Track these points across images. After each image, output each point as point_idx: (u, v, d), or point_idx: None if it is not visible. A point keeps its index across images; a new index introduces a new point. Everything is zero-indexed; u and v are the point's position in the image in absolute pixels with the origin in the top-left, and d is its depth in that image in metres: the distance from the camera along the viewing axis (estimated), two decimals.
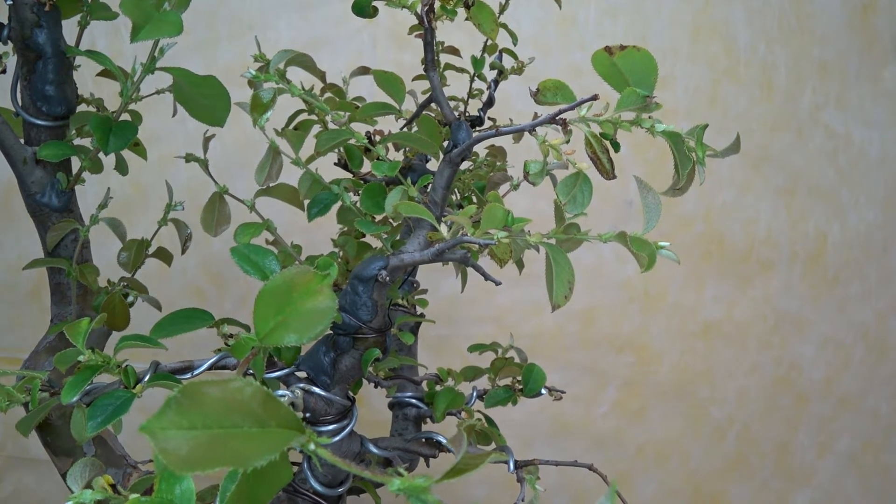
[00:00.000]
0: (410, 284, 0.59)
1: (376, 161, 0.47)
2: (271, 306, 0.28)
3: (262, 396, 0.23)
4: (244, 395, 0.22)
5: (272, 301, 0.28)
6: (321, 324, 0.28)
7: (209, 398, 0.22)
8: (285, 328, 0.28)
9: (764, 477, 1.09)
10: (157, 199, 0.85)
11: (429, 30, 0.46)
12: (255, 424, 0.22)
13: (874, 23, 1.05)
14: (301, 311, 0.28)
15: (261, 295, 0.28)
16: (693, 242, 1.04)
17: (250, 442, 0.22)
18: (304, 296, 0.29)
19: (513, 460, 0.49)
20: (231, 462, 0.21)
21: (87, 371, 0.39)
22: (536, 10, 0.97)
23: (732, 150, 0.41)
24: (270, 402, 0.23)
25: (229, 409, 0.22)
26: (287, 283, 0.28)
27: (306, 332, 0.28)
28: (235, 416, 0.22)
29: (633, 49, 0.37)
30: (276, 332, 0.28)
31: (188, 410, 0.21)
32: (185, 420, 0.21)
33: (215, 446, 0.21)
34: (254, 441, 0.22)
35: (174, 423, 0.21)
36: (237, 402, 0.22)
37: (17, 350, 0.75)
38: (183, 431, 0.21)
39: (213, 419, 0.22)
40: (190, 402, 0.22)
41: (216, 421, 0.22)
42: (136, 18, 0.39)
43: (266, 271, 0.39)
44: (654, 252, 0.40)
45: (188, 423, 0.21)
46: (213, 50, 0.93)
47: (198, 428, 0.21)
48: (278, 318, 0.28)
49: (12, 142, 0.49)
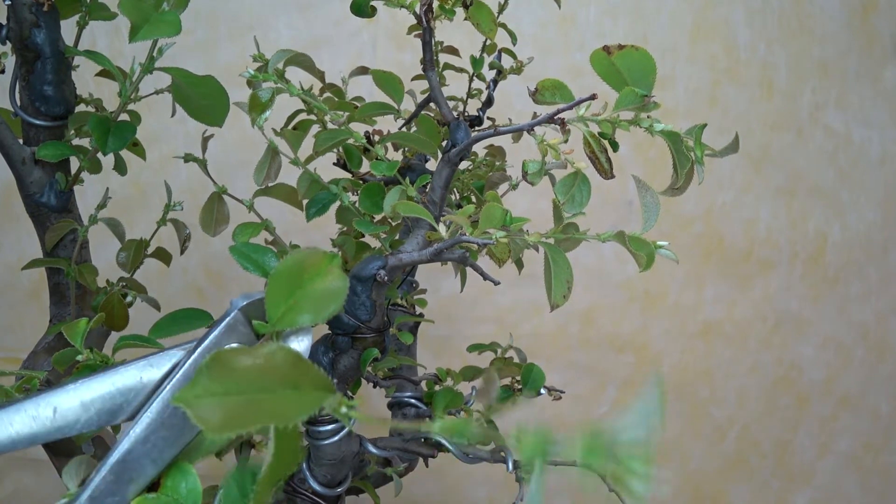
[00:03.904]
0: (409, 284, 0.59)
1: (375, 161, 0.47)
2: (283, 289, 0.28)
3: (294, 359, 0.23)
4: (277, 360, 0.23)
5: (283, 284, 0.28)
6: (334, 303, 0.28)
7: (241, 365, 0.22)
8: (298, 310, 0.28)
9: (764, 477, 1.09)
10: (156, 199, 0.85)
11: (427, 29, 0.46)
12: (289, 387, 0.23)
13: (874, 23, 1.05)
14: (313, 292, 0.28)
15: (272, 279, 0.28)
16: (693, 242, 1.04)
17: (286, 402, 0.22)
18: (314, 277, 0.29)
19: (512, 460, 0.49)
20: (269, 420, 0.21)
21: (85, 371, 0.39)
22: (536, 10, 0.97)
23: (731, 150, 0.41)
24: (302, 364, 0.23)
25: (262, 374, 0.22)
26: (297, 266, 0.29)
27: (319, 313, 0.28)
28: (269, 380, 0.22)
29: (632, 49, 0.37)
30: (289, 314, 0.28)
31: (221, 377, 0.22)
32: (219, 387, 0.22)
33: (252, 408, 0.22)
34: (289, 402, 0.22)
35: (208, 390, 0.21)
36: (270, 366, 0.23)
37: (16, 350, 0.75)
38: (218, 398, 0.21)
39: (246, 384, 0.22)
40: (222, 369, 0.22)
41: (250, 385, 0.22)
42: (135, 18, 0.39)
43: (266, 268, 0.39)
44: (652, 252, 0.40)
45: (222, 390, 0.22)
46: (213, 50, 0.93)
47: (232, 393, 0.22)
48: (290, 301, 0.28)
49: (11, 142, 0.49)
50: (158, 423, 0.32)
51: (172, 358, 0.34)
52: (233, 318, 0.33)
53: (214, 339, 0.33)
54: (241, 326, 0.34)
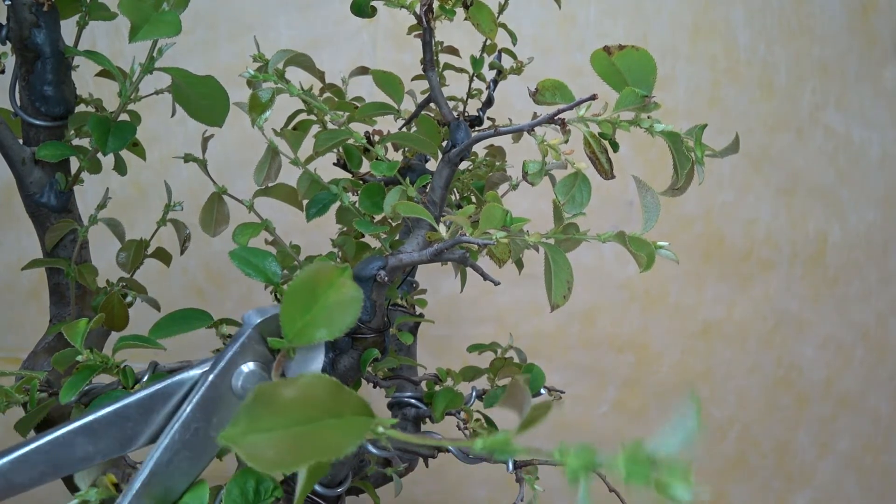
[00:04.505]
0: (409, 284, 0.59)
1: (375, 161, 0.47)
2: (298, 306, 0.28)
3: (333, 389, 0.23)
4: (316, 390, 0.23)
5: (298, 301, 0.28)
6: (350, 315, 0.28)
7: (283, 398, 0.22)
8: (314, 325, 0.28)
9: (764, 477, 1.09)
10: (156, 199, 0.85)
11: (427, 29, 0.46)
12: (332, 416, 0.23)
13: (874, 23, 1.05)
14: (327, 306, 0.28)
15: (286, 296, 0.28)
16: (693, 242, 1.04)
17: (332, 433, 0.22)
18: (327, 290, 0.29)
19: (512, 460, 0.49)
20: (321, 455, 0.21)
21: (85, 371, 0.39)
22: (536, 10, 0.97)
23: (731, 150, 0.41)
24: (341, 392, 0.23)
25: (304, 406, 0.23)
26: (310, 281, 0.29)
27: (336, 326, 0.28)
28: (311, 412, 0.22)
29: (632, 49, 0.37)
30: (306, 330, 0.28)
31: (265, 413, 0.22)
32: (264, 423, 0.22)
33: (300, 443, 0.22)
34: (335, 432, 0.22)
35: (253, 427, 0.21)
36: (311, 397, 0.23)
37: (16, 350, 0.75)
38: (264, 434, 0.21)
39: (290, 418, 0.22)
40: (265, 405, 0.22)
41: (294, 419, 0.22)
42: (135, 19, 0.39)
43: (267, 273, 0.39)
44: (652, 252, 0.40)
45: (267, 426, 0.22)
46: (213, 50, 0.93)
47: (278, 428, 0.22)
48: (306, 317, 0.28)
49: (11, 142, 0.49)
50: (180, 445, 0.33)
51: (186, 382, 0.34)
52: (247, 336, 0.34)
53: (231, 359, 0.34)
54: (256, 344, 0.34)
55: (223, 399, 0.34)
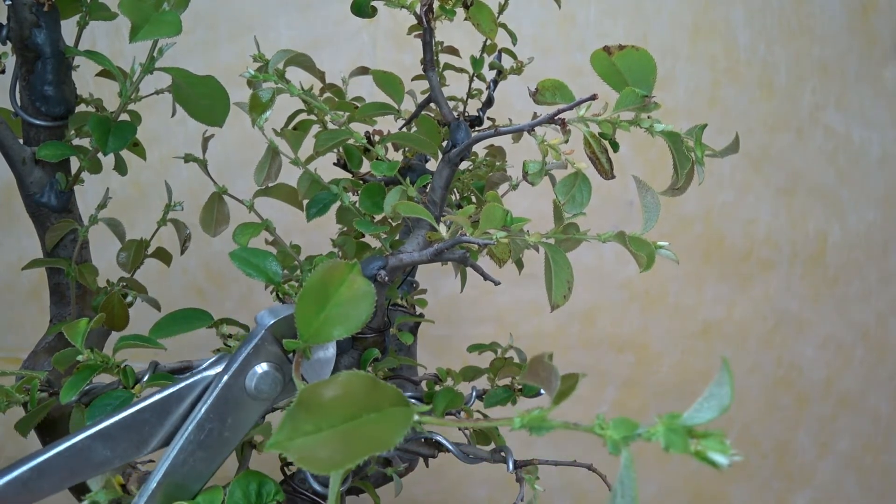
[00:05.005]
0: (410, 284, 0.59)
1: (375, 161, 0.47)
2: (312, 307, 0.29)
3: (370, 384, 0.23)
4: (354, 386, 0.23)
5: (312, 302, 0.29)
6: (363, 310, 0.29)
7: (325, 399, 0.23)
8: (330, 324, 0.29)
9: (764, 477, 1.09)
10: (156, 199, 0.85)
11: (427, 30, 0.46)
12: (372, 410, 0.23)
13: (874, 23, 1.05)
14: (341, 303, 0.29)
15: (300, 299, 0.29)
16: (693, 243, 1.04)
17: (376, 427, 0.23)
18: (339, 288, 0.29)
19: (512, 460, 0.49)
20: (372, 449, 0.22)
21: (85, 371, 0.39)
22: (536, 10, 0.97)
23: (731, 150, 0.41)
24: (378, 386, 0.24)
25: (346, 404, 0.23)
26: (322, 281, 0.29)
27: (351, 322, 0.28)
28: (353, 409, 0.23)
29: (632, 49, 0.37)
30: (323, 329, 0.29)
31: (309, 416, 0.22)
32: (308, 425, 0.22)
33: (348, 440, 0.22)
34: (378, 425, 0.23)
35: (298, 430, 0.22)
36: (350, 394, 0.23)
37: (16, 350, 0.75)
38: (311, 436, 0.22)
39: (333, 417, 0.22)
40: (307, 407, 0.22)
41: (337, 417, 0.22)
42: (135, 19, 0.39)
43: (268, 273, 0.39)
44: (652, 252, 0.40)
45: (312, 427, 0.22)
46: (213, 50, 0.93)
47: (323, 429, 0.22)
48: (321, 316, 0.29)
49: (11, 142, 0.49)
50: (195, 446, 0.33)
51: (200, 383, 0.35)
52: (261, 337, 0.34)
53: (244, 360, 0.34)
54: (269, 345, 0.34)
55: (237, 400, 0.34)
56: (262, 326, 0.34)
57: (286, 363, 0.35)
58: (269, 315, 0.35)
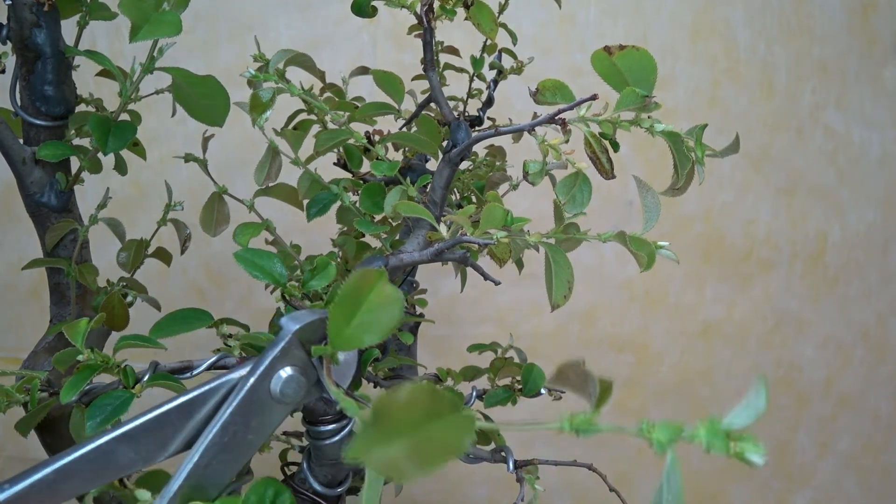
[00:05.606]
0: (410, 284, 0.59)
1: (375, 161, 0.47)
2: (344, 314, 0.29)
3: (429, 391, 0.24)
4: (416, 395, 0.24)
5: (344, 310, 0.29)
6: (394, 314, 0.29)
7: (394, 409, 0.23)
8: (361, 329, 0.29)
9: (764, 477, 1.09)
10: (156, 199, 0.85)
11: (428, 29, 0.46)
12: (434, 417, 0.23)
13: (874, 23, 1.05)
14: (371, 310, 0.29)
15: (334, 307, 0.29)
16: (693, 242, 1.04)
17: (443, 433, 0.23)
18: (369, 294, 0.29)
19: (512, 460, 0.49)
20: (446, 455, 0.22)
21: (86, 371, 0.39)
22: (536, 10, 0.97)
23: (732, 150, 0.41)
24: (436, 394, 0.24)
25: (411, 412, 0.23)
26: (354, 289, 0.29)
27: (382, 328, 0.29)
28: (418, 416, 0.23)
29: (633, 49, 0.37)
30: (354, 335, 0.29)
31: (379, 428, 0.23)
32: (381, 435, 0.22)
33: (421, 448, 0.22)
34: (445, 431, 0.23)
35: (373, 440, 0.22)
36: (412, 402, 0.23)
37: (17, 350, 0.75)
38: (385, 446, 0.22)
39: (403, 426, 0.23)
40: (381, 418, 0.23)
41: (406, 426, 0.23)
42: (135, 18, 0.39)
43: (274, 274, 0.39)
44: (653, 252, 0.40)
45: (385, 437, 0.22)
46: (213, 50, 0.93)
47: (394, 438, 0.22)
48: (353, 322, 0.29)
49: (11, 142, 0.49)
50: (219, 448, 0.33)
51: (223, 386, 0.35)
52: (287, 341, 0.34)
53: (270, 363, 0.34)
54: (295, 349, 0.35)
55: (262, 403, 0.34)
56: (288, 331, 0.35)
57: (310, 367, 0.36)
58: (292, 321, 0.35)
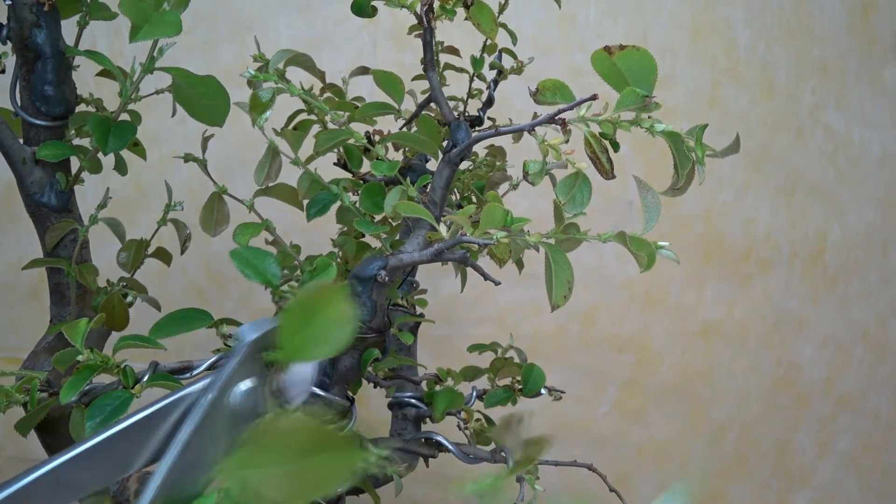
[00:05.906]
0: (410, 284, 0.59)
1: (375, 161, 0.47)
2: (296, 323, 0.29)
3: (311, 428, 0.24)
4: (296, 429, 0.24)
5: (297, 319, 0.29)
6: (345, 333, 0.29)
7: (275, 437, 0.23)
8: (312, 342, 0.29)
9: (764, 477, 1.09)
10: (156, 199, 0.85)
11: (428, 29, 0.46)
12: (320, 451, 0.23)
13: (874, 23, 1.05)
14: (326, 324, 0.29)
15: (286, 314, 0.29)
16: (693, 242, 1.04)
17: (322, 469, 0.23)
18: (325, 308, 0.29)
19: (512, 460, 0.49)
20: (315, 492, 0.22)
21: (85, 371, 0.39)
22: (536, 10, 0.97)
23: (732, 150, 0.41)
24: (318, 431, 0.24)
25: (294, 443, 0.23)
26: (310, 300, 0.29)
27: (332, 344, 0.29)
28: (300, 448, 0.23)
29: (633, 49, 0.37)
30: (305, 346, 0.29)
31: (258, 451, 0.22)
32: (257, 459, 0.22)
33: (294, 480, 0.22)
34: (325, 468, 0.23)
35: (248, 462, 0.22)
36: (292, 435, 0.23)
37: (16, 350, 0.74)
38: (258, 470, 0.22)
39: (282, 455, 0.23)
40: (258, 443, 0.23)
41: (285, 456, 0.23)
42: (135, 18, 0.39)
43: (266, 274, 0.39)
44: (653, 252, 0.40)
45: (261, 462, 0.22)
46: (213, 50, 0.93)
47: (270, 465, 0.22)
48: (305, 333, 0.29)
49: (11, 142, 0.49)
50: (183, 465, 0.32)
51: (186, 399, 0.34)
52: (244, 353, 0.33)
53: (228, 377, 0.33)
54: (253, 360, 0.34)
55: (223, 417, 0.33)
56: (243, 343, 0.33)
57: None
58: (251, 330, 0.34)
